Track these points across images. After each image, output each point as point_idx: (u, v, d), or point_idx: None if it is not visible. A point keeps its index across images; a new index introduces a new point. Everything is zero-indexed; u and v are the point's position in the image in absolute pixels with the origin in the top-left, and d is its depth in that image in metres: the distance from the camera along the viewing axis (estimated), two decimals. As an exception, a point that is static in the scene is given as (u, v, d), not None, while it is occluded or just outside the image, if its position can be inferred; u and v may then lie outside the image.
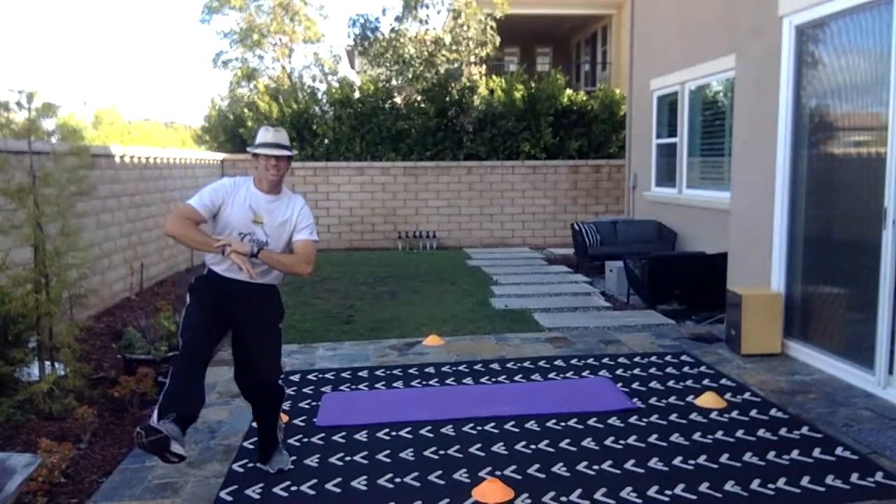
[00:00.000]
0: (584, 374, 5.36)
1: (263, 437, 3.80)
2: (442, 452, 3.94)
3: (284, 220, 3.59)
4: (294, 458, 3.87)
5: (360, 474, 3.68)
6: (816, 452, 3.85)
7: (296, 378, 5.32)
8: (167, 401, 3.22)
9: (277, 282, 3.70)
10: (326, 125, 14.20)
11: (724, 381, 5.15)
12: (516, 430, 4.25)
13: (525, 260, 11.74)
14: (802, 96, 5.63)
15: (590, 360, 5.71)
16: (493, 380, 5.24)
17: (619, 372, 5.38)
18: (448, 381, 5.21)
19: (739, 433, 4.15)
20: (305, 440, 4.13)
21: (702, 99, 9.34)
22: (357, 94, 14.46)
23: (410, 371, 5.48)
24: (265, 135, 3.60)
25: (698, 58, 9.04)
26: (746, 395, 4.82)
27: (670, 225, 10.03)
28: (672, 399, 4.77)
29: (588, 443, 4.04)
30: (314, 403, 4.76)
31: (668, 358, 5.74)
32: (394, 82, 15.59)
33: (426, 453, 3.94)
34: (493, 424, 4.34)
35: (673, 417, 4.43)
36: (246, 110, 15.60)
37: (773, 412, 4.48)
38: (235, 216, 3.51)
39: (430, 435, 4.19)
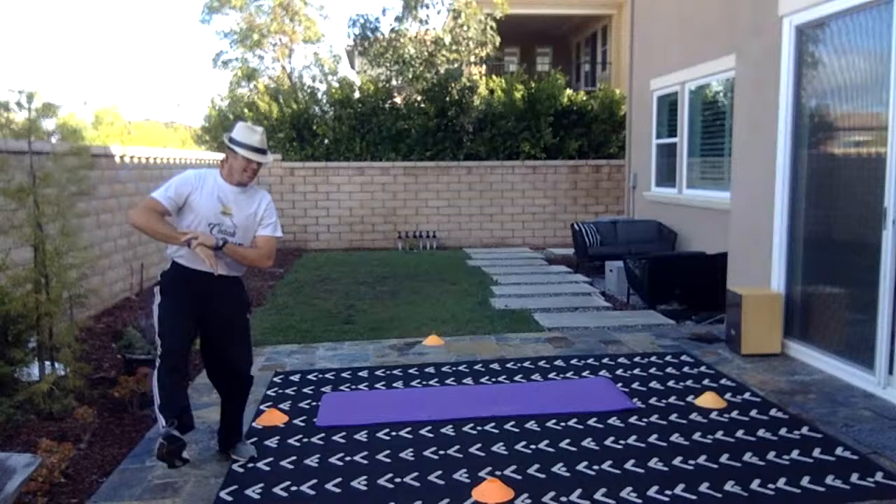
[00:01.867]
0: (584, 374, 5.36)
1: (229, 429, 3.90)
2: (442, 452, 3.94)
3: (251, 212, 3.67)
4: (294, 458, 3.87)
5: (360, 474, 3.68)
6: (816, 452, 3.85)
7: (296, 378, 5.32)
8: (167, 410, 3.39)
9: (240, 273, 3.78)
10: (326, 125, 14.20)
11: (724, 381, 5.15)
12: (516, 430, 4.25)
13: (525, 260, 11.74)
14: (802, 96, 5.63)
15: (590, 360, 5.71)
16: (493, 380, 5.24)
17: (619, 372, 5.38)
18: (448, 381, 5.21)
19: (739, 433, 4.14)
20: (305, 440, 4.13)
21: (702, 99, 9.35)
22: (357, 94, 14.46)
23: (410, 371, 5.48)
24: (251, 136, 3.61)
25: (698, 58, 9.04)
26: (746, 395, 4.82)
27: (670, 225, 10.04)
28: (672, 399, 4.77)
29: (588, 443, 4.04)
30: (314, 403, 4.76)
31: (668, 358, 5.74)
32: (394, 82, 15.59)
33: (426, 453, 3.94)
34: (493, 424, 4.34)
35: (673, 417, 4.43)
36: (246, 110, 15.60)
37: (773, 412, 4.48)
38: (204, 206, 3.57)
39: (430, 435, 4.19)
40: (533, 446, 4.00)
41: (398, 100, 14.83)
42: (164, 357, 3.50)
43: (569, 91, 14.80)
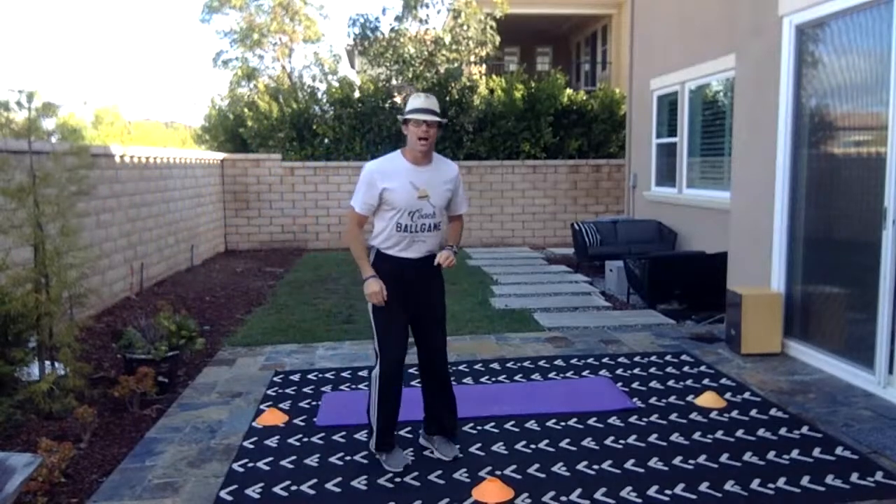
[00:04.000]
0: (584, 373, 5.36)
1: (449, 411, 3.95)
2: (442, 452, 3.94)
3: (446, 186, 3.69)
4: (294, 457, 3.87)
5: (360, 474, 3.68)
6: (816, 452, 3.86)
7: (296, 377, 5.32)
8: (385, 436, 3.74)
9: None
10: (326, 125, 14.19)
11: (724, 380, 5.15)
12: (516, 429, 4.26)
13: (525, 260, 11.74)
14: (802, 96, 5.63)
15: (590, 360, 5.71)
16: (493, 379, 5.24)
17: (619, 371, 5.38)
18: (448, 381, 5.20)
19: (739, 433, 4.15)
20: (305, 440, 4.13)
21: (702, 99, 9.34)
22: (357, 94, 14.45)
23: (410, 371, 5.47)
24: (416, 100, 3.61)
25: (698, 58, 9.04)
26: (746, 395, 4.82)
27: (670, 225, 10.03)
28: (672, 399, 4.77)
29: (588, 442, 4.04)
30: (314, 403, 4.76)
31: (668, 357, 5.74)
32: (394, 82, 15.57)
33: (426, 453, 3.94)
34: (493, 424, 4.34)
35: (673, 417, 4.43)
36: (246, 110, 15.60)
37: (773, 412, 4.48)
38: (400, 198, 3.55)
39: (430, 435, 4.19)
40: (533, 446, 4.01)
41: (398, 99, 14.81)
42: (386, 367, 3.61)
43: (569, 91, 14.79)
